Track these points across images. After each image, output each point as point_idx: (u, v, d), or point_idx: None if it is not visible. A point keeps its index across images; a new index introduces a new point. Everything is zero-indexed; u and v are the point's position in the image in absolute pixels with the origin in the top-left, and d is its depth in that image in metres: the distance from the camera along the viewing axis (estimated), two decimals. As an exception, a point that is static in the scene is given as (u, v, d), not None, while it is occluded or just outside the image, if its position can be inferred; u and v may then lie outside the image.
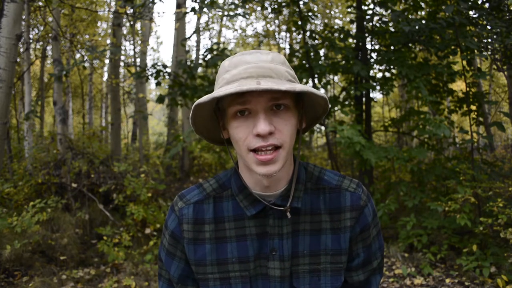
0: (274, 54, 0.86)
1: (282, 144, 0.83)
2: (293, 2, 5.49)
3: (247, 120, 0.83)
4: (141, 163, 7.24)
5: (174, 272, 0.97)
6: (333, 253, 0.93)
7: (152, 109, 16.50)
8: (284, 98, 0.83)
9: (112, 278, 3.71)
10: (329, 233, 0.93)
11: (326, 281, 0.92)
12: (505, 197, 3.74)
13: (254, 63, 0.83)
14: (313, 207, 0.93)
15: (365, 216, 0.95)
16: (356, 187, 0.96)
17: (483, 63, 10.31)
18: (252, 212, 0.90)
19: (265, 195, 0.92)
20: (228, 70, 0.85)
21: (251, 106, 0.82)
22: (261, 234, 0.92)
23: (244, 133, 0.83)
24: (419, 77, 4.45)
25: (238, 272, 0.92)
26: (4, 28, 3.30)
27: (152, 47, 18.99)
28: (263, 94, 0.80)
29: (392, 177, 6.32)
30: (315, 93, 0.82)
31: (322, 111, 0.93)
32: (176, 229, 0.95)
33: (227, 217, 0.94)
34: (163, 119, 16.58)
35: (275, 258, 0.91)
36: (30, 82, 6.73)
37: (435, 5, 5.16)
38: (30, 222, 3.78)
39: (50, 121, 16.14)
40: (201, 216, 0.94)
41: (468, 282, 3.46)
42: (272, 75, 0.81)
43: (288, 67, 0.88)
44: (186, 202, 0.96)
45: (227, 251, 0.93)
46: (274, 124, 0.82)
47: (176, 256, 0.97)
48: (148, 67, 5.86)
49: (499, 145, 11.82)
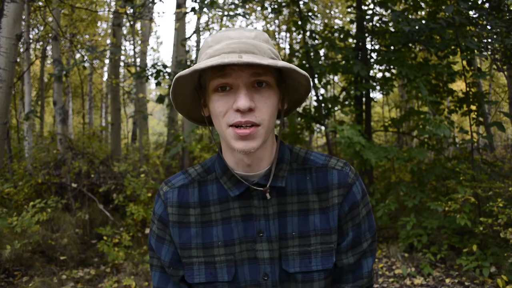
0: (258, 32, 0.86)
1: (261, 122, 0.82)
2: (293, 2, 5.49)
3: (228, 95, 0.82)
4: (141, 163, 7.24)
5: (165, 256, 0.96)
6: (323, 233, 0.91)
7: (152, 109, 16.51)
8: (265, 75, 0.82)
9: (112, 278, 3.71)
10: (317, 213, 0.91)
11: (317, 262, 0.90)
12: (505, 197, 3.74)
13: (237, 38, 0.82)
14: (299, 187, 0.92)
15: (353, 194, 0.93)
16: (343, 166, 0.94)
17: (483, 63, 10.32)
18: (235, 193, 0.89)
19: (248, 175, 0.90)
20: (211, 45, 0.84)
21: (232, 81, 0.80)
22: (246, 216, 0.90)
23: (224, 107, 0.82)
24: (419, 77, 4.45)
25: (224, 256, 0.91)
26: (4, 28, 3.30)
27: (152, 47, 18.98)
28: (245, 69, 0.80)
29: (392, 177, 6.32)
30: (297, 71, 0.80)
31: (305, 92, 0.92)
32: (163, 213, 0.95)
33: (212, 200, 0.93)
34: (163, 119, 16.59)
35: (263, 239, 0.89)
36: (30, 82, 6.73)
37: (435, 5, 5.16)
38: (30, 222, 3.77)
39: (50, 121, 16.14)
40: (185, 200, 0.94)
41: (468, 282, 3.46)
42: (254, 51, 0.80)
43: (271, 45, 0.87)
44: (171, 187, 0.96)
45: (212, 234, 0.91)
46: (254, 101, 0.81)
47: (166, 240, 0.96)
48: (148, 67, 5.86)
49: (499, 145, 11.82)
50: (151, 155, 9.55)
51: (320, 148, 14.23)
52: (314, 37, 5.69)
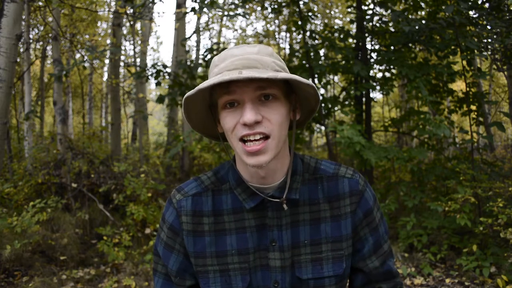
0: (261, 46, 0.88)
1: (270, 133, 0.83)
2: (293, 2, 5.49)
3: (236, 110, 0.84)
4: (141, 163, 7.24)
5: (172, 266, 0.97)
6: (334, 240, 0.93)
7: (152, 109, 16.51)
8: (271, 88, 0.83)
9: (112, 278, 3.71)
10: (328, 221, 0.94)
11: (328, 268, 0.93)
12: (505, 197, 3.74)
13: (241, 55, 0.84)
14: (311, 197, 0.94)
15: (366, 200, 0.96)
16: (353, 174, 0.97)
17: (483, 63, 10.31)
18: (250, 205, 0.91)
19: (262, 188, 0.92)
20: (217, 64, 0.87)
21: (238, 97, 0.82)
22: (260, 226, 0.92)
23: (233, 122, 0.84)
24: (419, 77, 4.45)
25: (238, 264, 0.92)
26: (4, 28, 3.29)
27: (152, 47, 18.99)
28: (249, 84, 0.81)
29: (392, 177, 6.32)
30: (300, 81, 0.81)
31: (315, 102, 0.93)
32: (175, 222, 0.95)
33: (226, 210, 0.94)
34: (163, 119, 16.59)
35: (275, 249, 0.91)
36: (30, 82, 6.73)
37: (435, 5, 5.16)
38: (30, 222, 3.77)
39: (50, 121, 16.14)
40: (199, 208, 0.95)
41: (468, 282, 3.46)
42: (257, 65, 0.82)
43: (276, 58, 0.88)
44: (184, 195, 0.96)
45: (226, 243, 0.93)
46: (262, 114, 0.83)
47: (175, 249, 0.96)
48: (148, 67, 5.86)
49: (499, 145, 11.81)
50: (151, 155, 9.54)
51: (320, 148, 14.23)
52: (314, 37, 5.69)
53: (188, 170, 9.43)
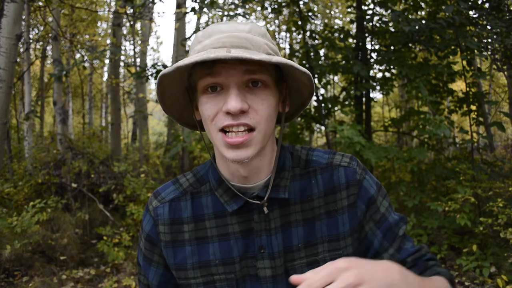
0: (253, 25, 0.76)
1: (256, 125, 0.72)
2: (293, 2, 5.49)
3: (218, 96, 0.73)
4: (141, 163, 7.24)
5: (152, 279, 0.87)
6: (330, 240, 0.82)
7: (152, 109, 16.49)
8: (261, 73, 0.72)
9: (112, 278, 3.71)
10: (324, 218, 0.83)
11: None
12: (505, 197, 3.74)
13: (229, 32, 0.72)
14: (303, 194, 0.83)
15: (366, 189, 0.84)
16: (349, 161, 0.85)
17: (483, 63, 10.31)
18: (233, 208, 0.80)
19: (246, 187, 0.81)
20: (201, 40, 0.75)
21: (223, 80, 0.71)
22: (246, 232, 0.81)
23: (213, 110, 0.73)
24: (419, 77, 4.45)
25: (223, 274, 0.81)
26: (4, 28, 3.30)
27: (152, 47, 18.96)
28: (237, 67, 0.70)
29: (392, 177, 6.32)
30: (297, 68, 0.71)
31: (308, 94, 0.82)
32: (152, 232, 0.85)
33: (207, 215, 0.83)
34: (163, 119, 16.58)
35: (264, 256, 0.80)
36: (30, 82, 6.73)
37: (435, 5, 5.16)
38: (30, 222, 3.78)
39: (50, 121, 16.14)
40: (178, 215, 0.84)
41: (468, 282, 3.46)
42: (247, 45, 0.71)
43: (269, 40, 0.77)
44: (161, 201, 0.86)
45: (209, 252, 0.82)
46: (248, 102, 0.72)
47: (153, 261, 0.87)
48: (148, 67, 5.86)
49: (499, 145, 11.82)
50: (151, 155, 9.55)
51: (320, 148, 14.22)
52: (314, 37, 5.69)
53: (188, 170, 9.44)
